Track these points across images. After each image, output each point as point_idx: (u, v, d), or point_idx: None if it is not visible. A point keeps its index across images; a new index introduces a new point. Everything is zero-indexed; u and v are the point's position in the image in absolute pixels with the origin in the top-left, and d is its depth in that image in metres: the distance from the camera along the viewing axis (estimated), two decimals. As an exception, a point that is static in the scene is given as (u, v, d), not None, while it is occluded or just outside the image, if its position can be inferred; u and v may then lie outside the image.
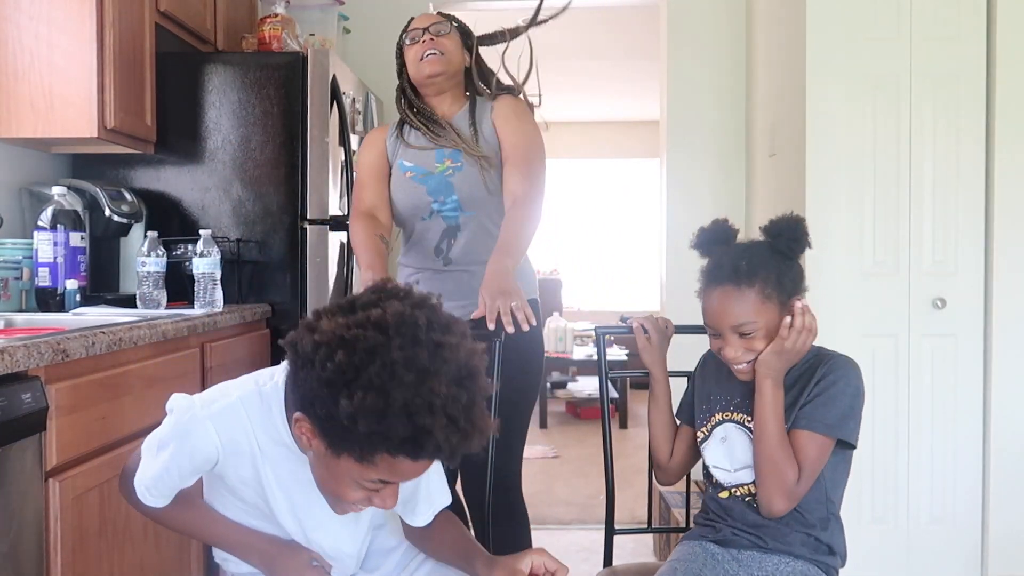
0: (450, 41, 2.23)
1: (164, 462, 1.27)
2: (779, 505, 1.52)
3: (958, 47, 2.82)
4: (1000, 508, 2.83)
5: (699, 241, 1.65)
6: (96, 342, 1.64)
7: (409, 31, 2.26)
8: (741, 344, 1.54)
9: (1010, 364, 2.82)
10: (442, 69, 2.21)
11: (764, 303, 1.52)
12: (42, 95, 2.32)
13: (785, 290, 1.53)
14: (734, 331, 1.53)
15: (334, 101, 2.84)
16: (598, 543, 3.44)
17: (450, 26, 2.25)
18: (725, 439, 1.63)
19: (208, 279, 2.36)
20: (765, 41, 3.44)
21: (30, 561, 1.48)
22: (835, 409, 1.52)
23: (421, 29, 2.22)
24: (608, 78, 6.90)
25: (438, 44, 2.21)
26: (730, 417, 1.63)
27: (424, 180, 2.18)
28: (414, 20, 2.29)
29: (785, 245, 1.55)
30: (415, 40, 2.22)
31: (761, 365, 1.52)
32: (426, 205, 2.18)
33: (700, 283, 1.61)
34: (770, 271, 1.53)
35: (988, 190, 2.83)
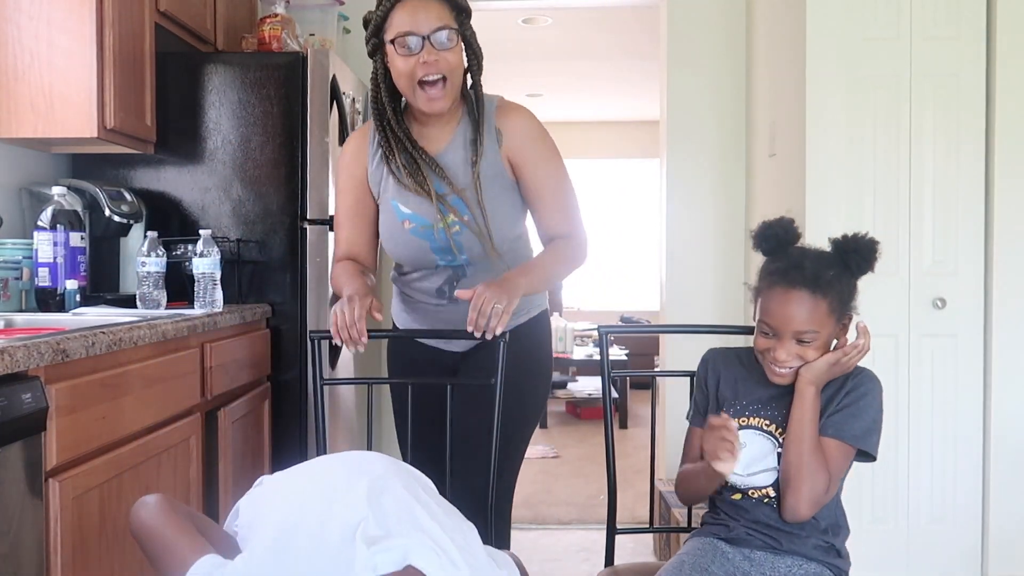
0: (456, 54, 1.78)
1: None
2: (806, 511, 1.53)
3: (958, 47, 2.82)
4: (1000, 507, 2.84)
5: (763, 236, 1.62)
6: (96, 342, 1.64)
7: (397, 34, 1.75)
8: (796, 350, 1.54)
9: (1010, 364, 2.82)
10: (448, 104, 1.79)
11: (829, 316, 1.53)
12: (42, 95, 2.32)
13: (846, 308, 1.56)
14: (794, 336, 1.53)
15: (334, 101, 2.84)
16: (598, 543, 3.44)
17: (456, 34, 1.78)
18: (744, 445, 1.59)
19: (208, 279, 2.36)
20: (765, 41, 3.44)
21: (30, 561, 1.48)
22: (863, 421, 1.55)
23: (418, 37, 1.74)
24: (608, 78, 6.90)
25: (443, 63, 1.75)
26: (748, 423, 1.62)
27: (426, 235, 1.85)
28: (404, 11, 1.74)
29: (856, 264, 1.56)
30: (409, 50, 1.74)
31: (809, 372, 1.53)
32: (430, 262, 1.89)
33: (764, 279, 1.58)
34: (842, 286, 1.54)
35: (988, 190, 2.84)
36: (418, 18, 1.74)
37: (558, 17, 5.16)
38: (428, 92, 1.77)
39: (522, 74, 6.75)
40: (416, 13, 1.74)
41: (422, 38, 1.74)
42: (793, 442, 1.53)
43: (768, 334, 1.56)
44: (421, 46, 1.74)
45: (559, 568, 2.90)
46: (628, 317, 7.92)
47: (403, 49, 1.75)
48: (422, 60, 1.73)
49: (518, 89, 7.26)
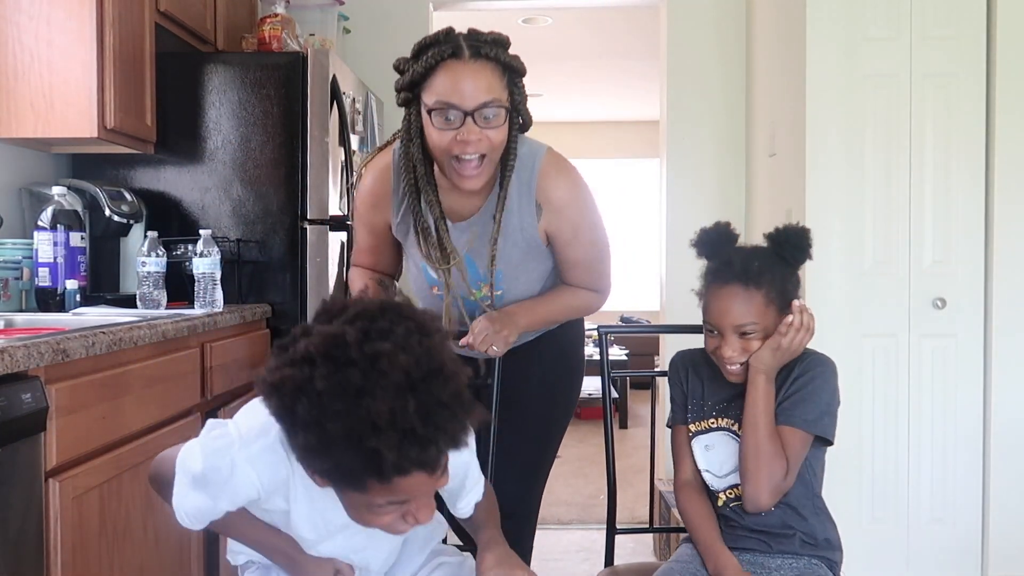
0: (501, 132, 1.57)
1: (205, 499, 1.23)
2: (765, 499, 1.53)
3: (958, 47, 2.82)
4: (1000, 508, 2.83)
5: (701, 241, 1.65)
6: (96, 342, 1.64)
7: (437, 103, 1.53)
8: (739, 344, 1.55)
9: (1010, 364, 2.82)
10: (482, 183, 1.62)
11: (767, 307, 1.53)
12: (42, 95, 2.32)
13: (785, 297, 1.56)
14: (735, 331, 1.54)
15: (334, 101, 2.84)
16: (598, 543, 3.44)
17: (504, 111, 1.57)
18: (709, 447, 1.64)
19: (208, 279, 2.36)
20: (765, 41, 3.44)
21: (30, 561, 1.48)
22: (814, 406, 1.55)
23: (462, 112, 1.53)
24: (608, 78, 6.90)
25: (485, 142, 1.55)
26: (716, 424, 1.64)
27: (456, 303, 1.75)
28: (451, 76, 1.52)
29: (790, 254, 1.58)
30: (449, 123, 1.54)
31: (756, 360, 1.53)
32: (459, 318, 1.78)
33: (703, 281, 1.61)
34: (776, 276, 1.55)
35: (988, 190, 2.83)
36: (463, 88, 1.53)
37: (558, 17, 5.16)
38: (462, 169, 1.58)
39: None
40: (462, 82, 1.52)
41: (464, 113, 1.53)
42: (748, 431, 1.53)
43: (713, 332, 1.58)
44: (462, 121, 1.53)
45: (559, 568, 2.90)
46: (628, 317, 7.91)
47: (441, 120, 1.54)
48: (459, 138, 1.54)
49: (518, 89, 7.26)
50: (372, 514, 1.11)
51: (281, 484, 1.22)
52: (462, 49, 1.54)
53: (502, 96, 1.56)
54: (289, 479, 1.22)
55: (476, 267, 1.74)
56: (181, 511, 1.27)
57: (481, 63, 1.54)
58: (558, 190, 1.70)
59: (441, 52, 1.53)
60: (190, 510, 1.26)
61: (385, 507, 1.09)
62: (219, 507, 1.25)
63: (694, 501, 1.65)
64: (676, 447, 1.71)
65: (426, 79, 1.55)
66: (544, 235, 1.73)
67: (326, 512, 1.26)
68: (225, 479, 1.20)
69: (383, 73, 3.78)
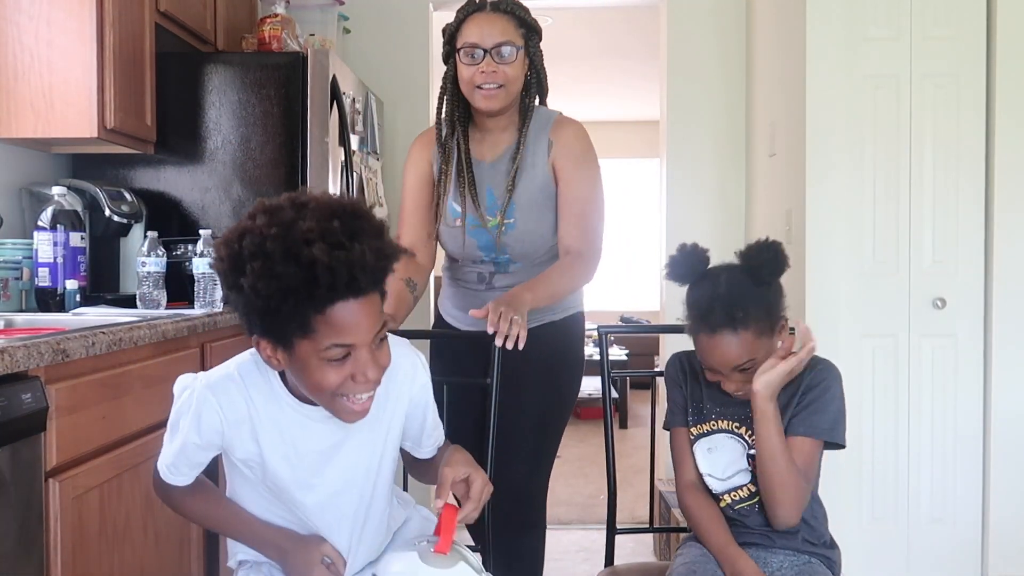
0: (515, 67, 1.94)
1: (179, 440, 1.32)
2: (796, 518, 1.56)
3: (958, 46, 2.82)
4: (1000, 507, 2.84)
5: (673, 273, 1.62)
6: (96, 342, 1.64)
7: (464, 44, 1.93)
8: (740, 378, 1.56)
9: (1010, 364, 2.82)
10: (501, 105, 1.96)
11: (759, 338, 1.53)
12: (42, 95, 2.32)
13: (773, 316, 1.56)
14: (735, 370, 1.55)
15: (334, 101, 2.84)
16: (598, 543, 3.44)
17: (515, 50, 1.93)
18: (712, 449, 1.65)
19: (208, 279, 2.36)
20: (765, 41, 3.44)
21: (30, 561, 1.48)
22: (828, 414, 1.58)
23: (482, 50, 1.91)
24: (608, 78, 6.90)
25: (501, 75, 1.92)
26: (716, 426, 1.65)
27: (475, 234, 2.03)
28: (473, 24, 1.93)
29: (767, 274, 1.55)
30: (473, 60, 1.92)
31: (766, 388, 1.53)
32: (477, 257, 2.06)
33: (689, 322, 1.59)
34: (759, 306, 1.54)
35: (988, 190, 2.84)
36: (483, 31, 1.92)
37: (558, 17, 5.16)
38: (483, 94, 1.94)
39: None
40: (483, 27, 1.92)
41: (485, 51, 1.91)
42: (768, 460, 1.54)
43: (712, 370, 1.59)
44: (483, 57, 1.91)
45: (559, 568, 2.90)
46: (628, 317, 7.91)
47: (468, 58, 1.93)
48: (481, 69, 1.91)
49: (518, 89, 7.26)
50: (325, 374, 1.20)
51: (244, 417, 1.30)
52: (485, 4, 1.97)
53: (515, 39, 1.93)
54: (251, 411, 1.30)
55: (493, 196, 2.01)
56: (163, 465, 1.35)
57: (498, 14, 1.94)
58: (569, 128, 2.04)
59: (468, 8, 1.98)
60: (170, 459, 1.33)
61: (333, 358, 1.18)
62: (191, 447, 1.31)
63: (702, 504, 1.65)
64: (676, 450, 1.71)
65: (458, 29, 1.96)
66: (552, 170, 2.00)
67: (296, 443, 1.32)
68: (187, 408, 1.30)
69: (383, 73, 3.83)
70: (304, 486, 1.35)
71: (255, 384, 1.31)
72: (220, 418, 1.29)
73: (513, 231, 2.00)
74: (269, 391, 1.31)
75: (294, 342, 1.18)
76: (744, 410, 1.61)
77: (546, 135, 2.01)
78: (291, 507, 1.38)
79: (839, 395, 1.60)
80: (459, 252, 2.07)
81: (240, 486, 1.41)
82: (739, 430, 1.63)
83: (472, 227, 2.02)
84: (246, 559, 1.45)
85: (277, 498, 1.37)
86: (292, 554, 1.35)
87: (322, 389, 1.22)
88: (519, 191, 1.99)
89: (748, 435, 1.62)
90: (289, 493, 1.35)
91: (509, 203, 1.98)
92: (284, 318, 1.15)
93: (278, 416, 1.31)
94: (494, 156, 2.04)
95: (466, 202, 2.01)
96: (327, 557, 1.36)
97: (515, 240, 2.01)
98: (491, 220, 2.00)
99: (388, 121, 3.78)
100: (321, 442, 1.33)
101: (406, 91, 3.84)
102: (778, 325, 1.57)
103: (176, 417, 1.32)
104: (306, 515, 1.38)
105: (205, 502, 1.42)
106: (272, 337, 1.20)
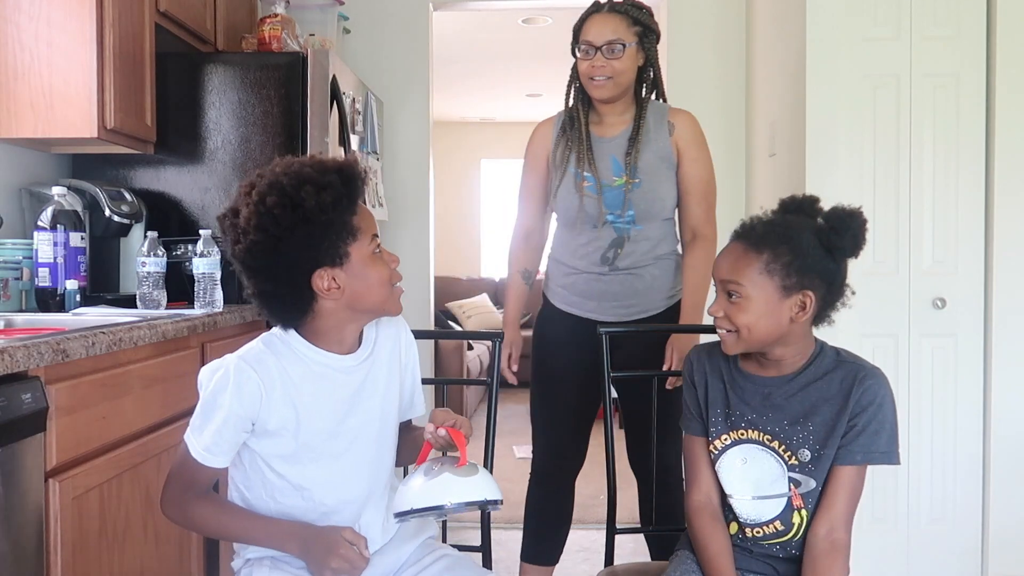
0: (623, 62, 2.17)
1: (219, 417, 1.37)
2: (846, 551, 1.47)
3: (958, 46, 2.82)
4: (1000, 508, 2.83)
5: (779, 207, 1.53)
6: (96, 342, 1.64)
7: (581, 40, 2.20)
8: (724, 305, 1.46)
9: (1010, 364, 2.82)
10: (611, 95, 2.20)
11: (761, 275, 1.43)
12: (42, 95, 2.32)
13: (796, 277, 1.42)
14: (723, 287, 1.47)
15: (334, 101, 2.84)
16: (598, 543, 3.44)
17: (623, 47, 2.17)
18: (746, 461, 1.50)
19: (208, 279, 2.36)
20: (765, 41, 3.44)
21: (30, 561, 1.48)
22: (885, 435, 1.47)
23: (594, 47, 2.17)
24: (608, 78, 6.90)
25: (609, 68, 2.17)
26: (746, 436, 1.51)
27: (604, 191, 2.21)
28: (590, 24, 2.20)
29: (832, 242, 1.43)
30: (587, 55, 2.18)
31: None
32: (600, 216, 2.21)
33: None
34: (790, 249, 1.42)
35: (988, 190, 2.84)
36: (597, 31, 2.18)
37: (558, 17, 5.15)
38: (594, 84, 2.20)
39: (522, 74, 6.74)
40: (596, 27, 2.19)
41: (596, 48, 2.17)
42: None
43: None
44: (594, 54, 2.17)
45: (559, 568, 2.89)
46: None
47: (583, 54, 2.20)
48: (593, 64, 2.17)
49: (518, 89, 7.25)
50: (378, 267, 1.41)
51: (277, 383, 1.39)
52: (602, 6, 2.22)
53: (625, 37, 2.17)
54: (282, 377, 1.40)
55: (618, 162, 2.23)
56: (200, 448, 1.38)
57: (613, 14, 2.19)
58: (687, 114, 2.29)
59: (589, 9, 2.23)
60: (209, 440, 1.37)
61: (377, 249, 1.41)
62: (234, 419, 1.37)
63: (713, 531, 1.52)
64: (689, 460, 1.58)
65: (580, 28, 2.23)
66: (675, 148, 2.23)
67: (326, 394, 1.43)
68: (227, 386, 1.37)
69: (383, 73, 3.83)
70: (332, 435, 1.44)
71: (280, 352, 1.42)
72: (259, 386, 1.38)
73: (639, 189, 2.20)
74: (293, 355, 1.42)
75: (349, 251, 1.37)
76: (777, 421, 1.49)
77: (665, 118, 2.25)
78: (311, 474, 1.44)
79: (892, 408, 1.48)
80: (583, 215, 2.22)
81: (252, 477, 1.44)
82: (772, 444, 1.49)
83: (601, 185, 2.21)
84: (251, 558, 1.47)
85: (298, 462, 1.43)
86: (313, 541, 1.37)
87: (384, 281, 1.41)
88: (643, 157, 2.21)
89: (785, 452, 1.48)
90: (318, 448, 1.43)
91: (635, 165, 2.19)
92: (336, 229, 1.35)
93: (306, 373, 1.42)
94: (614, 134, 2.26)
95: (594, 168, 2.21)
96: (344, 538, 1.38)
97: (640, 198, 2.20)
98: (617, 180, 2.21)
99: (388, 121, 3.78)
100: (346, 388, 1.45)
101: (406, 91, 3.84)
102: (796, 294, 1.42)
103: (212, 397, 1.38)
104: (328, 472, 1.44)
105: (221, 510, 1.44)
106: (329, 257, 1.36)
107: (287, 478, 1.43)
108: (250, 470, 1.45)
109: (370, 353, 1.50)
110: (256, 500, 1.45)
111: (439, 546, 1.58)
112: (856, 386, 1.47)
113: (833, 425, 1.46)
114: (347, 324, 1.44)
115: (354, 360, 1.47)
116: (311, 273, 1.36)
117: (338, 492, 1.46)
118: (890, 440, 1.47)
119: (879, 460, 1.47)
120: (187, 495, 1.40)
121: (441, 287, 6.86)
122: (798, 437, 1.48)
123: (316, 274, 1.36)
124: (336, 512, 1.45)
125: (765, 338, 1.46)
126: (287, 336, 1.44)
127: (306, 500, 1.44)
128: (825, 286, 1.46)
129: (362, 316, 1.45)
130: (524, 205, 2.40)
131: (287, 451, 1.42)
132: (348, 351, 1.47)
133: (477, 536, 1.86)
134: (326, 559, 1.33)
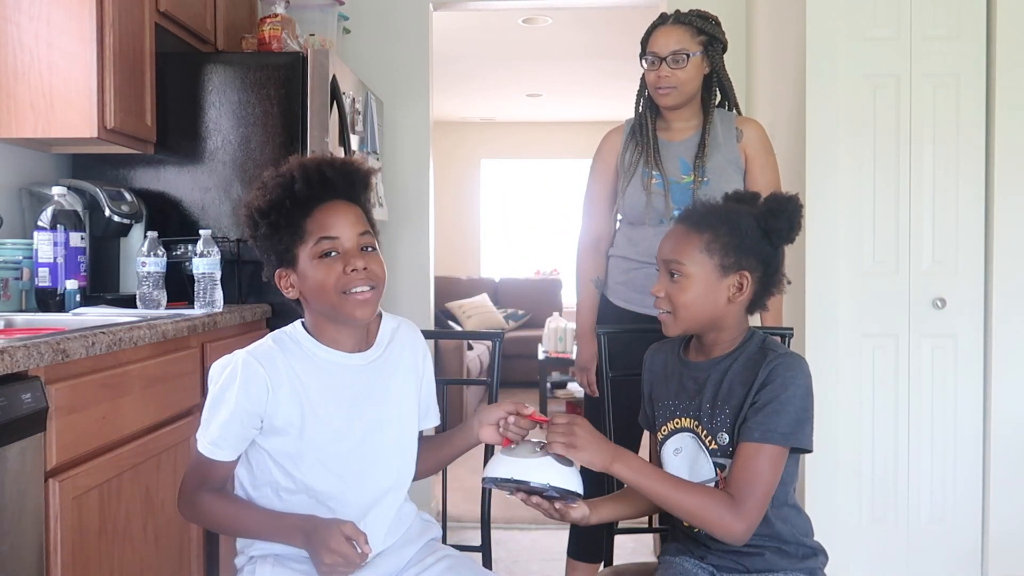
0: (687, 72, 2.25)
1: (226, 411, 1.39)
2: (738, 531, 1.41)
3: (958, 46, 2.82)
4: (1000, 508, 2.83)
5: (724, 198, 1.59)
6: (96, 342, 1.64)
7: (648, 51, 2.28)
8: (665, 285, 1.50)
9: (1010, 364, 2.82)
10: (675, 103, 2.29)
11: (703, 253, 1.47)
12: (42, 95, 2.32)
13: (734, 256, 1.47)
14: (665, 267, 1.51)
15: (334, 101, 2.84)
16: (598, 543, 3.43)
17: (688, 57, 2.24)
18: (679, 450, 1.54)
19: (208, 279, 2.36)
20: (765, 41, 3.44)
21: (30, 561, 1.48)
22: (787, 416, 1.43)
23: (659, 58, 2.25)
24: (608, 78, 6.89)
25: (674, 78, 2.25)
26: (680, 425, 1.55)
27: (672, 189, 2.28)
28: (656, 36, 2.28)
29: (769, 225, 1.49)
30: (652, 66, 2.27)
31: (591, 464, 1.44)
32: (667, 211, 2.27)
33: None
34: (730, 230, 1.47)
35: (988, 190, 2.83)
36: (661, 42, 2.27)
37: (558, 17, 5.16)
38: (659, 92, 2.28)
39: (522, 74, 6.75)
40: (661, 38, 2.27)
41: (659, 59, 2.26)
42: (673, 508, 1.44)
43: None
44: (659, 65, 2.26)
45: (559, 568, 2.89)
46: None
47: (649, 64, 2.30)
48: (658, 73, 2.26)
49: (518, 89, 7.26)
50: (329, 272, 1.39)
51: (284, 380, 1.41)
52: (667, 18, 2.31)
53: (690, 47, 2.24)
54: (290, 374, 1.42)
55: (686, 162, 2.30)
56: (206, 441, 1.40)
57: (676, 26, 2.27)
58: (755, 122, 2.39)
59: (655, 23, 2.33)
60: (216, 433, 1.39)
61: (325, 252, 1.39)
62: (241, 414, 1.39)
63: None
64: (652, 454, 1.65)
65: (647, 39, 2.32)
66: (743, 153, 2.32)
67: (332, 390, 1.45)
68: (235, 381, 1.39)
69: (383, 73, 3.82)
70: (339, 435, 1.45)
71: (288, 349, 1.45)
72: (266, 382, 1.40)
73: (707, 187, 2.25)
74: (301, 351, 1.45)
75: (297, 254, 1.40)
76: (699, 404, 1.51)
77: (733, 125, 2.33)
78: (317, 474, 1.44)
79: (800, 393, 1.44)
80: (650, 210, 2.27)
81: (260, 477, 1.45)
82: (696, 428, 1.51)
83: (668, 182, 2.27)
84: (254, 556, 1.48)
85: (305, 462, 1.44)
86: (314, 533, 1.37)
87: (326, 287, 1.39)
88: (711, 159, 2.28)
89: (704, 435, 1.51)
90: (324, 448, 1.44)
91: (703, 166, 2.26)
92: (284, 231, 1.39)
93: (313, 369, 1.44)
94: (682, 138, 2.34)
95: (661, 167, 2.29)
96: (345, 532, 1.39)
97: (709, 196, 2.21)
98: (685, 178, 2.28)
99: (388, 121, 3.78)
100: (354, 387, 1.47)
101: (406, 91, 3.84)
102: (733, 274, 1.47)
103: (220, 392, 1.40)
104: (334, 473, 1.45)
105: (230, 504, 1.45)
106: (284, 260, 1.41)
107: (294, 477, 1.44)
108: (257, 470, 1.46)
109: (381, 354, 1.51)
110: (263, 500, 1.46)
111: (440, 547, 1.59)
112: (764, 366, 1.46)
113: (741, 406, 1.47)
114: (327, 324, 1.46)
115: (362, 359, 1.49)
116: (274, 270, 1.44)
117: (344, 494, 1.46)
118: (794, 423, 1.43)
119: (777, 440, 1.42)
120: (199, 491, 1.42)
121: (441, 287, 6.86)
122: (716, 421, 1.50)
123: (276, 273, 1.44)
124: (340, 514, 1.45)
125: (702, 318, 1.51)
126: (296, 333, 1.47)
127: (312, 500, 1.44)
128: (762, 268, 1.51)
129: (331, 318, 1.45)
130: (592, 211, 2.45)
131: (293, 449, 1.43)
132: (355, 349, 1.48)
133: (477, 536, 1.86)
134: (320, 552, 1.34)
